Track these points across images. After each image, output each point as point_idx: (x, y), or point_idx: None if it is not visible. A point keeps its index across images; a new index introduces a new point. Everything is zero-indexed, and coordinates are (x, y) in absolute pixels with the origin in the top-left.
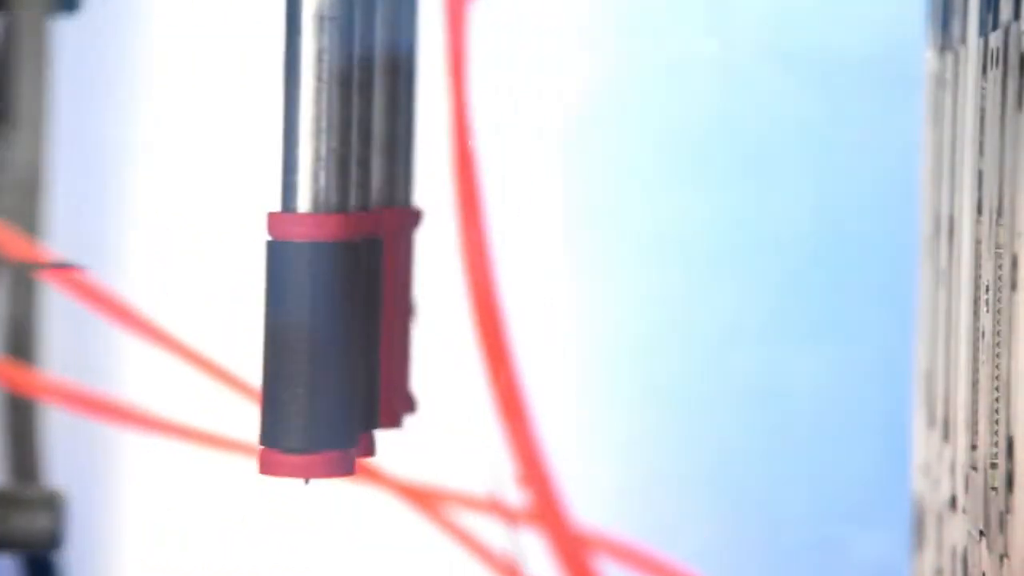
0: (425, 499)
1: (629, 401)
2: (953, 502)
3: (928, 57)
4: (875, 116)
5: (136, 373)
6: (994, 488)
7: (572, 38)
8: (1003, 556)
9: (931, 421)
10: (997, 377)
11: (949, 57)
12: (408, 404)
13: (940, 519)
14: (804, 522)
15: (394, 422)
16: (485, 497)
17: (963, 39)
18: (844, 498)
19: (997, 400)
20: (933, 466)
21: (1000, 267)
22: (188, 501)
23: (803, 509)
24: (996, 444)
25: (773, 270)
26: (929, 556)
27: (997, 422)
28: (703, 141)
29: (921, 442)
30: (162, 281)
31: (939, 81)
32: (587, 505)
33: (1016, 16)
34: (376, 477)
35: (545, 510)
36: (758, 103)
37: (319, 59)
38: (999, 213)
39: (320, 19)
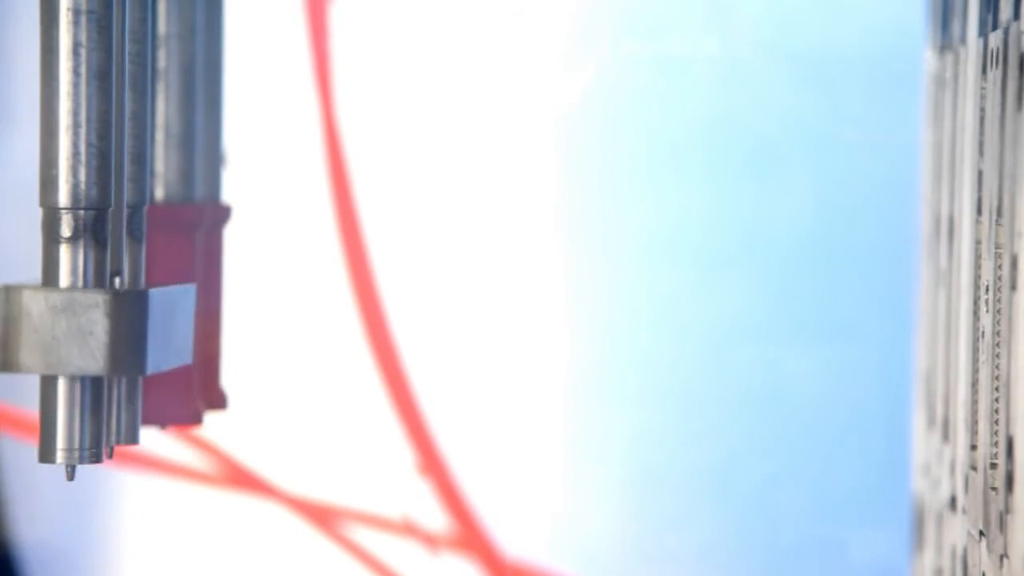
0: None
1: (629, 401)
2: (953, 502)
3: (928, 57)
4: (875, 116)
5: None
6: (994, 488)
7: (572, 38)
8: (1003, 556)
9: (931, 421)
10: (997, 377)
11: (949, 57)
12: (218, 401)
13: (940, 519)
14: (804, 522)
15: (195, 419)
16: (400, 519)
17: (963, 39)
18: (844, 498)
19: (997, 400)
20: (933, 466)
21: (1000, 267)
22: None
23: (803, 509)
24: (996, 444)
25: (773, 270)
26: (929, 556)
27: (997, 422)
28: (703, 141)
29: (921, 442)
30: None
31: (939, 81)
32: (587, 506)
33: (1016, 16)
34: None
35: (470, 538)
36: (758, 103)
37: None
38: (999, 213)
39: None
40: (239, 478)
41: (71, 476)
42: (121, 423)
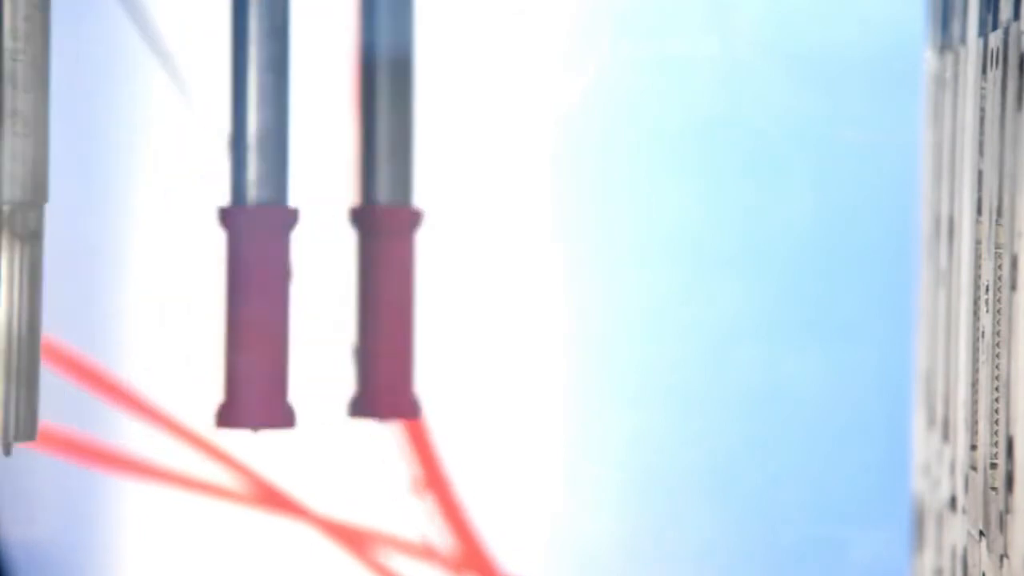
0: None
1: (629, 401)
2: (953, 502)
3: (928, 57)
4: (875, 116)
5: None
6: (994, 488)
7: (572, 38)
8: (1003, 556)
9: (931, 421)
10: (997, 377)
11: (949, 57)
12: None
13: (940, 519)
14: (804, 522)
15: (288, 421)
16: (417, 540)
17: (963, 39)
18: (844, 498)
19: (997, 400)
20: (933, 466)
21: (1000, 267)
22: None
23: (803, 509)
24: (996, 444)
25: (773, 270)
26: (929, 556)
27: (997, 422)
28: (703, 141)
29: (921, 442)
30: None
31: (939, 81)
32: (587, 505)
33: (1016, 16)
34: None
35: (472, 559)
36: (758, 103)
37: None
38: (999, 213)
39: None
40: (267, 497)
41: None
42: (21, 419)
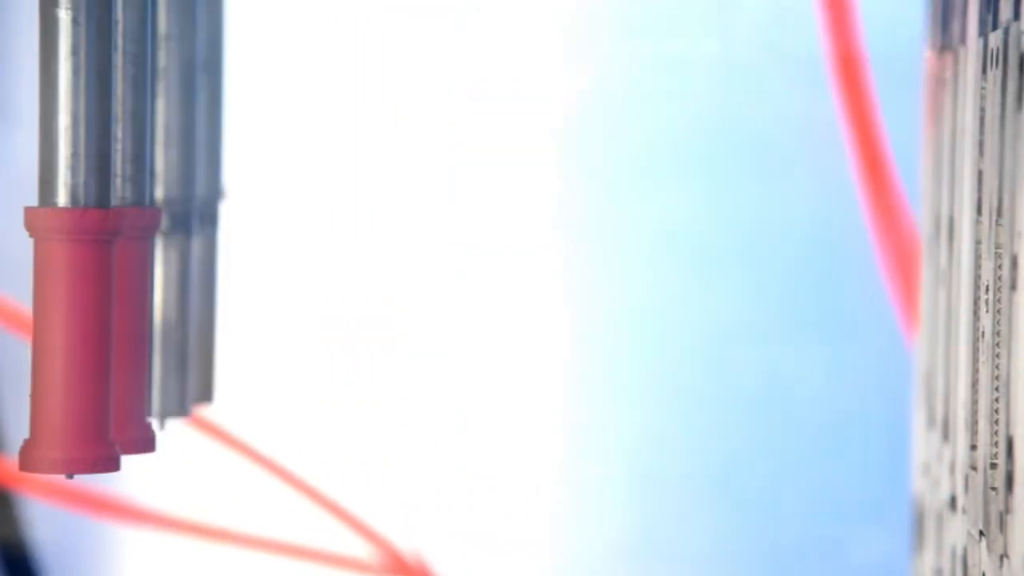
0: None
1: (629, 401)
2: (953, 502)
3: (928, 57)
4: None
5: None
6: (994, 488)
7: (573, 38)
8: (1003, 556)
9: (931, 421)
10: (997, 377)
11: (949, 57)
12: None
13: (940, 519)
14: (804, 522)
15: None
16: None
17: (963, 39)
18: (844, 498)
19: (997, 400)
20: (933, 466)
21: (1000, 267)
22: None
23: (803, 509)
24: (996, 444)
25: (773, 270)
26: (929, 556)
27: (997, 422)
28: (703, 141)
29: (921, 442)
30: None
31: (939, 81)
32: (588, 505)
33: (1016, 16)
34: None
35: None
36: (758, 103)
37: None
38: (999, 213)
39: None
40: (400, 567)
41: None
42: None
